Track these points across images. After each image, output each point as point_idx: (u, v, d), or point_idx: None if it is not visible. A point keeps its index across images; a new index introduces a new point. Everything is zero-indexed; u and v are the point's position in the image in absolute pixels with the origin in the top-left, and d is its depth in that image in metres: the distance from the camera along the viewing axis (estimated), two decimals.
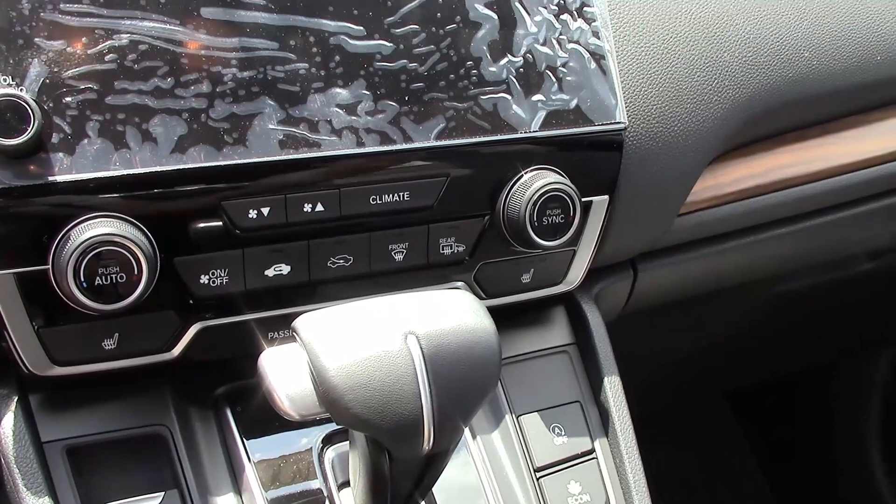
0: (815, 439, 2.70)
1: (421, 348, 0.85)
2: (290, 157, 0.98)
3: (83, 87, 0.92)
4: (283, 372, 0.87)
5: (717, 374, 2.35)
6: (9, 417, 1.00)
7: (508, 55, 1.09)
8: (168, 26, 0.96)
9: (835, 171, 1.50)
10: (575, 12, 1.14)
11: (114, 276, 0.90)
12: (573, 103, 1.12)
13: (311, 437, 1.10)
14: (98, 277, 0.90)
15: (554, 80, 1.11)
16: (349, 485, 1.00)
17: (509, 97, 1.09)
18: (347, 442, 1.02)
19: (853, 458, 2.62)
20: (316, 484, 1.09)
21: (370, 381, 0.83)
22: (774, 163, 1.45)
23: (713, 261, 1.48)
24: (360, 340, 0.85)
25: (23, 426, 1.00)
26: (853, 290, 2.04)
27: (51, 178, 0.90)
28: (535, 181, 1.09)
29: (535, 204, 1.08)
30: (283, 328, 1.07)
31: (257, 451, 1.08)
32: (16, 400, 1.01)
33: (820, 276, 1.88)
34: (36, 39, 0.91)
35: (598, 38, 1.15)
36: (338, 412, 0.84)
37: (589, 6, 1.15)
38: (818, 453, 2.70)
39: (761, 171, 1.43)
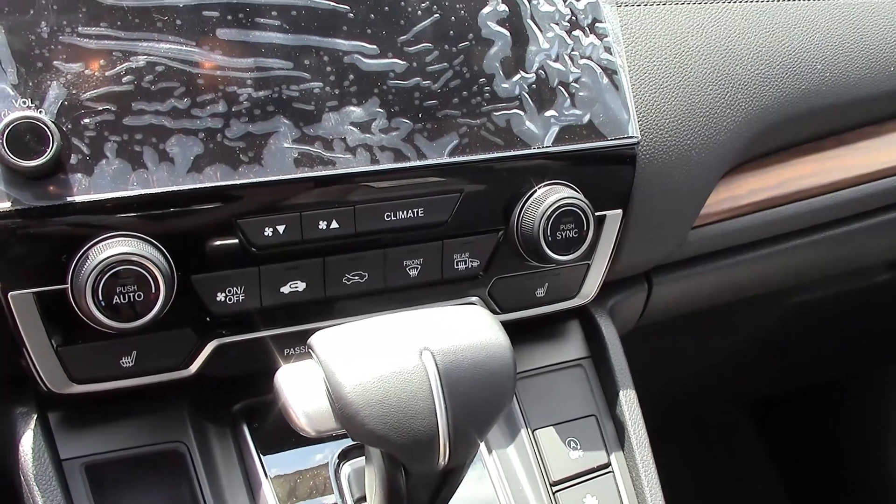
0: (833, 450, 2.68)
1: (436, 364, 0.85)
2: (305, 175, 0.99)
3: (101, 108, 0.93)
4: (300, 388, 0.88)
5: (735, 385, 2.34)
6: (28, 435, 1.01)
7: (521, 71, 1.10)
8: (184, 47, 0.97)
9: (850, 182, 1.49)
10: (587, 28, 1.15)
11: (132, 294, 0.92)
12: (586, 118, 1.13)
13: (327, 453, 1.11)
14: (116, 296, 0.91)
15: (566, 95, 1.12)
16: (365, 500, 1.00)
17: (522, 113, 1.09)
18: (363, 457, 1.03)
19: (872, 470, 2.60)
20: (332, 499, 1.09)
21: (386, 398, 0.83)
22: (789, 174, 1.45)
23: (728, 273, 1.48)
24: (376, 357, 0.85)
25: (42, 444, 1.01)
26: (871, 301, 2.03)
27: (69, 199, 0.91)
28: (549, 196, 1.09)
29: (548, 219, 1.09)
30: (299, 344, 1.08)
31: (274, 467, 1.08)
32: (35, 418, 1.02)
33: (837, 287, 1.87)
34: (55, 62, 0.93)
35: (610, 54, 1.15)
36: (354, 429, 0.84)
37: (601, 22, 1.16)
38: (837, 464, 2.67)
39: (776, 182, 1.43)
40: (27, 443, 1.00)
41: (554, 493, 1.16)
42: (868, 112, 1.49)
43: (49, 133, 0.89)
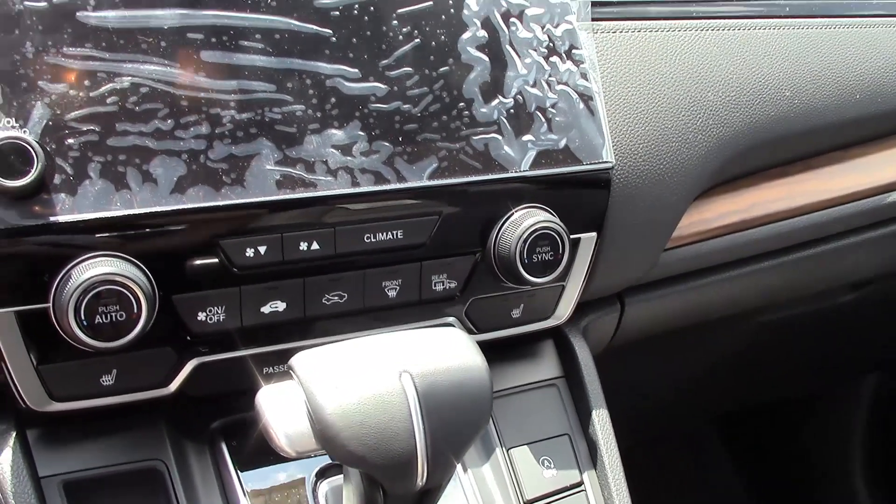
0: (800, 467, 2.72)
1: (415, 387, 0.87)
2: (287, 196, 1.01)
3: (85, 128, 0.94)
4: (281, 410, 0.89)
5: (706, 401, 2.38)
6: (7, 453, 1.01)
7: (499, 96, 1.12)
8: (168, 69, 0.98)
9: (817, 206, 1.53)
10: (564, 54, 1.17)
11: (114, 314, 0.92)
12: (562, 143, 1.15)
13: (305, 471, 1.12)
14: (98, 316, 0.92)
15: (543, 120, 1.14)
16: None
17: (500, 137, 1.12)
18: (341, 476, 1.04)
19: (837, 486, 2.65)
20: None
21: (366, 420, 0.85)
22: (758, 198, 1.48)
23: (699, 294, 1.51)
24: (356, 379, 0.87)
25: (21, 461, 1.01)
26: (837, 321, 2.08)
27: (53, 219, 0.92)
28: (525, 219, 1.11)
29: (525, 242, 1.11)
30: (278, 363, 1.09)
31: (252, 485, 1.09)
32: (14, 435, 1.02)
33: (805, 307, 1.91)
34: (39, 82, 0.93)
35: (587, 80, 1.18)
36: (334, 450, 0.86)
37: (577, 48, 1.18)
38: (804, 480, 2.72)
39: (745, 206, 1.47)
40: (6, 460, 1.00)
41: None
42: (834, 138, 1.52)
43: (33, 153, 0.90)
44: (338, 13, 1.05)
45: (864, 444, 2.62)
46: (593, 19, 1.25)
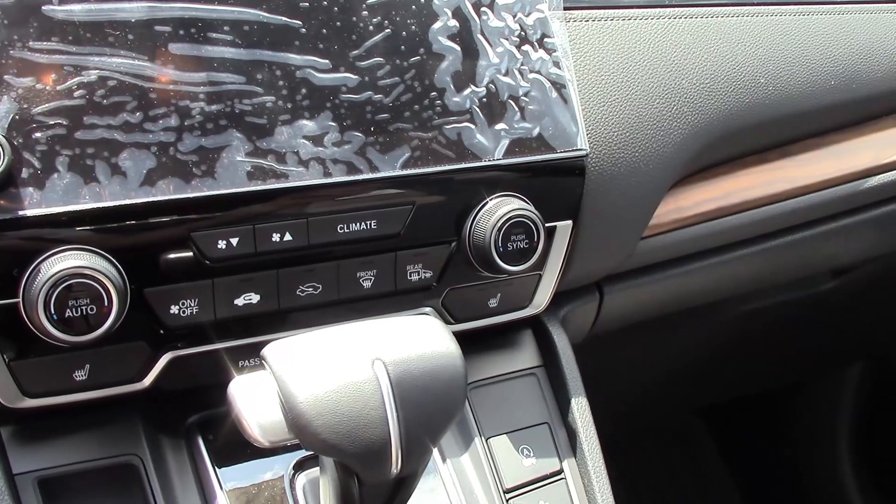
0: (788, 455, 2.73)
1: (388, 374, 0.87)
2: (258, 188, 1.00)
3: (52, 122, 0.94)
4: (253, 400, 0.89)
5: (691, 392, 2.38)
6: None
7: (472, 85, 1.12)
8: (136, 62, 0.97)
9: (794, 193, 1.53)
10: (536, 43, 1.17)
11: (84, 308, 0.92)
12: (535, 131, 1.15)
13: (282, 464, 1.11)
14: (68, 310, 0.91)
15: (516, 109, 1.14)
16: None
17: (473, 126, 1.11)
18: (318, 468, 1.04)
19: (826, 473, 2.66)
20: None
21: (338, 408, 0.84)
22: (735, 185, 1.48)
23: (678, 282, 1.51)
24: (328, 367, 0.86)
25: None
26: (819, 309, 2.08)
27: (21, 213, 0.91)
28: (500, 208, 1.11)
29: (499, 230, 1.11)
30: (253, 356, 1.08)
31: (229, 479, 1.09)
32: None
33: (786, 295, 1.92)
34: (5, 76, 0.93)
35: (559, 68, 1.18)
36: (306, 438, 0.85)
37: (549, 37, 1.18)
38: (792, 469, 2.73)
39: (722, 193, 1.47)
40: None
41: (508, 501, 1.18)
42: (810, 124, 1.53)
43: (0, 147, 0.89)
44: (307, 4, 1.05)
45: (850, 432, 2.63)
46: (565, 8, 1.25)
